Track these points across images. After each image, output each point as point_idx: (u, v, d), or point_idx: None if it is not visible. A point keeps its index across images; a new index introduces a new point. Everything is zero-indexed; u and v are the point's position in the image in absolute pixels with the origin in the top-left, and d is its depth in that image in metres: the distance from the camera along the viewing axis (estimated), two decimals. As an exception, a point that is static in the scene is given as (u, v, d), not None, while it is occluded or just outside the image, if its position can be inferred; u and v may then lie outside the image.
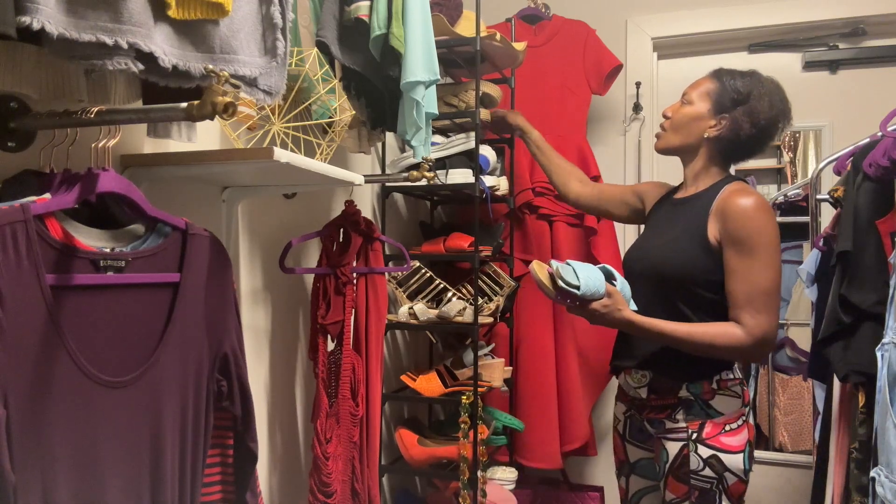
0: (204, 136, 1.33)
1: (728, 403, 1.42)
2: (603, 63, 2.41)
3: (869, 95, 2.35)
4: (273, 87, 1.04)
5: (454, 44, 1.90)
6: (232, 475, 1.06)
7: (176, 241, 0.94)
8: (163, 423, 0.91)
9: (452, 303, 1.93)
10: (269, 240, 1.57)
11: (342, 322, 1.48)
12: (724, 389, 1.43)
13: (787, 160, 2.57)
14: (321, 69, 1.34)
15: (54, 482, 0.79)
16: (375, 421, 1.58)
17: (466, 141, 1.98)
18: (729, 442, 1.41)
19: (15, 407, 0.75)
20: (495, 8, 2.63)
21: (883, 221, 1.42)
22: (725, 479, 1.40)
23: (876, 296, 1.40)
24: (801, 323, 2.44)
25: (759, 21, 2.38)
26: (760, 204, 1.40)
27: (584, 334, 2.36)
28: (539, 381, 2.28)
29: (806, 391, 2.45)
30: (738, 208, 1.40)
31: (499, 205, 2.32)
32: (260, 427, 1.47)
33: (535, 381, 2.29)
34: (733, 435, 1.41)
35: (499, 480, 2.12)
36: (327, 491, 1.45)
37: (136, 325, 0.89)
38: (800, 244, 2.49)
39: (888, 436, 1.19)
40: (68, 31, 0.73)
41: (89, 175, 0.84)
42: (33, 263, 0.77)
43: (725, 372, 1.43)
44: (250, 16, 0.97)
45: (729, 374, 1.44)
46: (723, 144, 1.51)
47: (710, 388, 1.42)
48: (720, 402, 1.42)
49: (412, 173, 1.53)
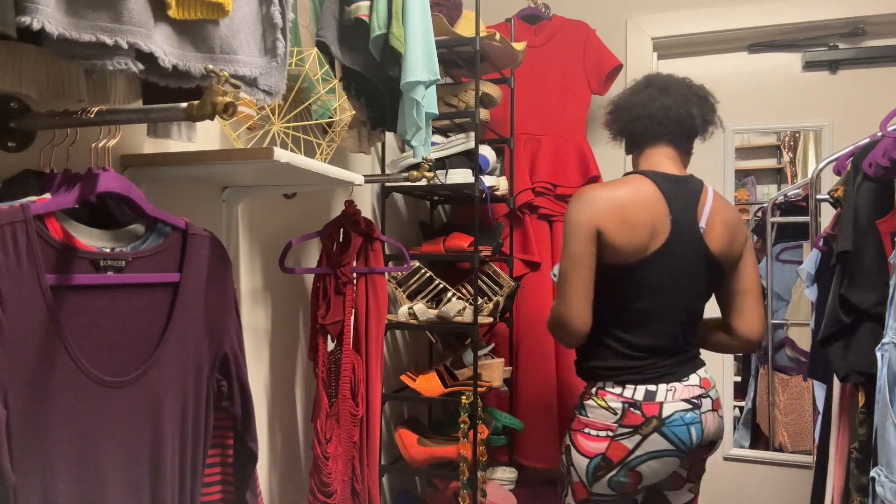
0: (204, 136, 1.33)
1: (597, 412, 1.45)
2: (603, 63, 2.41)
3: (869, 95, 2.35)
4: (273, 87, 1.04)
5: (454, 44, 1.90)
6: (232, 475, 1.06)
7: (176, 241, 0.94)
8: (163, 422, 0.91)
9: (452, 303, 1.93)
10: (269, 240, 1.57)
11: (342, 322, 1.48)
12: (599, 398, 1.45)
13: (787, 160, 2.57)
14: (321, 69, 1.34)
15: (54, 482, 0.79)
16: (375, 421, 1.58)
17: (466, 141, 1.98)
18: (582, 443, 1.45)
19: (15, 407, 0.75)
20: (495, 8, 2.63)
21: (883, 221, 1.42)
22: (571, 473, 1.48)
23: (876, 296, 1.40)
24: (801, 323, 2.44)
25: (759, 21, 2.38)
26: (576, 195, 1.47)
27: (584, 334, 2.36)
28: (539, 381, 2.29)
29: (806, 391, 2.45)
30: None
31: (498, 205, 2.32)
32: (260, 427, 1.47)
33: (535, 381, 2.29)
34: (590, 440, 1.44)
35: (499, 480, 2.12)
36: (327, 491, 1.45)
37: (136, 325, 0.89)
38: (800, 244, 2.50)
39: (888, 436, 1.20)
40: (68, 31, 0.73)
41: (89, 175, 0.84)
42: (33, 263, 0.77)
43: (610, 385, 1.45)
44: (250, 16, 0.97)
45: (613, 389, 1.44)
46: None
47: (588, 391, 1.50)
48: (590, 406, 1.47)
49: (412, 173, 1.53)
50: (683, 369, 1.48)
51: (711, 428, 1.47)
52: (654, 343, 1.45)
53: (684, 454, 1.44)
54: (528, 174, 2.36)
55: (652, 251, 1.41)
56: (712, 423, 1.47)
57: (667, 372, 1.45)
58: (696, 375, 1.48)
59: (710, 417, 1.46)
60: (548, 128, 2.42)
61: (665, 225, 1.41)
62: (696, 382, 1.47)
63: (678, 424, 1.41)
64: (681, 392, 1.44)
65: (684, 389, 1.45)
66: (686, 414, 1.42)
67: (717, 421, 1.48)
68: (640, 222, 1.40)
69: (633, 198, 1.42)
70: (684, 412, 1.42)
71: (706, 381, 1.49)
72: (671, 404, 1.42)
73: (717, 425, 1.48)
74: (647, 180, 1.45)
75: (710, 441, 1.48)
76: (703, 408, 1.45)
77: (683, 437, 1.42)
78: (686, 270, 1.45)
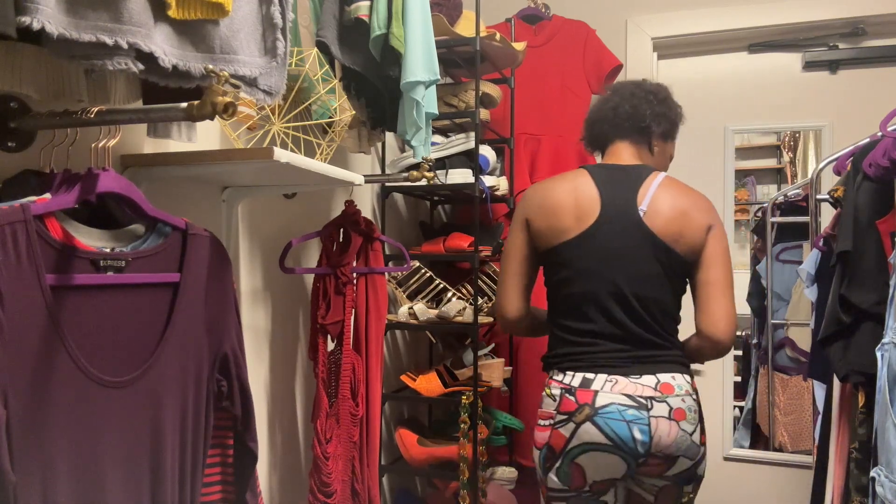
0: (204, 136, 1.33)
1: (545, 402, 1.45)
2: (603, 63, 2.41)
3: (869, 95, 2.35)
4: (273, 87, 1.04)
5: (454, 44, 1.90)
6: (232, 475, 1.06)
7: (176, 241, 0.94)
8: (163, 422, 0.91)
9: (452, 303, 1.93)
10: (269, 240, 1.57)
11: (342, 322, 1.49)
12: (547, 387, 1.46)
13: (787, 160, 2.57)
14: (321, 69, 1.34)
15: (54, 482, 0.79)
16: (375, 421, 1.58)
17: (466, 141, 1.98)
18: (536, 435, 1.47)
19: (15, 407, 0.75)
20: (495, 8, 2.63)
21: (883, 221, 1.42)
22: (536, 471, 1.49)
23: (876, 296, 1.40)
24: (801, 323, 2.44)
25: (759, 21, 2.38)
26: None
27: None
28: (539, 381, 2.28)
29: (806, 391, 2.45)
30: None
31: (498, 205, 2.32)
32: (260, 427, 1.47)
33: (535, 381, 2.29)
34: (539, 430, 1.45)
35: (499, 480, 2.12)
36: (327, 491, 1.45)
37: (135, 325, 0.89)
38: (800, 244, 2.50)
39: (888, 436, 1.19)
40: (68, 31, 0.73)
41: (89, 175, 0.84)
42: (33, 263, 0.77)
43: (556, 373, 1.45)
44: (250, 16, 0.97)
45: (557, 376, 1.45)
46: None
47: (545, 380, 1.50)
48: (543, 397, 1.47)
49: (412, 173, 1.53)
50: (638, 366, 1.40)
51: (665, 437, 1.36)
52: (597, 328, 1.42)
53: (628, 456, 1.37)
54: (528, 174, 2.36)
55: (577, 233, 1.43)
56: (667, 431, 1.36)
57: (612, 363, 1.40)
58: (653, 377, 1.39)
59: (665, 425, 1.36)
60: (548, 128, 2.42)
61: (593, 208, 1.44)
62: (650, 383, 1.38)
63: (614, 418, 1.35)
64: (623, 386, 1.38)
65: (629, 385, 1.38)
66: (626, 410, 1.36)
67: (675, 432, 1.37)
68: (561, 206, 1.45)
69: (558, 185, 1.49)
70: (624, 407, 1.36)
71: (667, 387, 1.39)
72: (608, 395, 1.37)
73: (675, 437, 1.37)
74: (582, 170, 1.50)
75: (665, 454, 1.37)
76: (653, 411, 1.36)
77: (622, 433, 1.35)
78: (620, 252, 1.41)
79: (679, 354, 1.46)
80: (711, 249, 1.45)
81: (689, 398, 1.41)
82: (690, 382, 1.44)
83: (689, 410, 1.40)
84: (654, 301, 1.43)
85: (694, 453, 1.40)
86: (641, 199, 1.43)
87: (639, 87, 1.56)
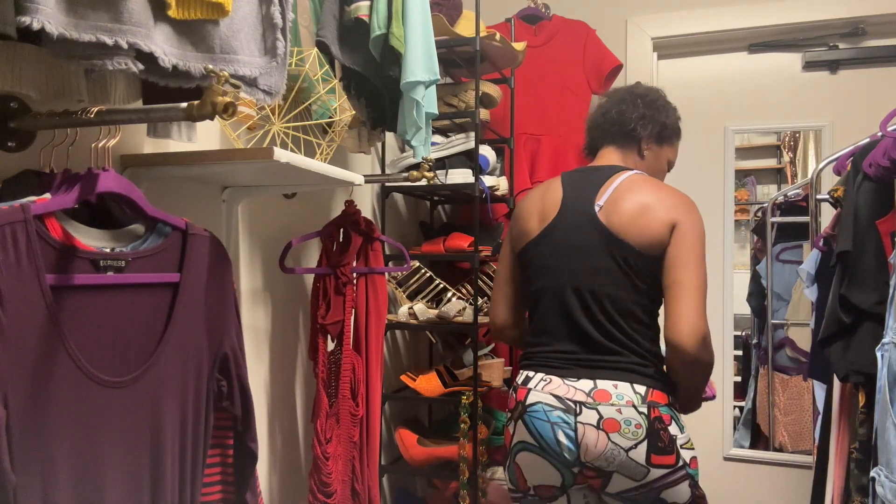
0: (204, 136, 1.33)
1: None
2: (603, 63, 2.41)
3: (869, 95, 2.35)
4: (273, 87, 1.04)
5: (454, 44, 1.90)
6: (232, 475, 1.06)
7: (176, 240, 0.94)
8: (163, 422, 0.91)
9: (452, 303, 1.93)
10: (269, 240, 1.57)
11: (342, 322, 1.48)
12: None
13: (787, 160, 2.57)
14: (321, 69, 1.34)
15: (54, 482, 0.79)
16: (375, 421, 1.58)
17: (466, 141, 1.98)
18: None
19: (15, 407, 0.75)
20: (495, 8, 2.63)
21: (883, 221, 1.42)
22: None
23: (876, 296, 1.40)
24: (801, 323, 2.44)
25: (759, 21, 2.38)
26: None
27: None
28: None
29: (806, 391, 2.45)
30: None
31: (498, 205, 2.32)
32: (260, 427, 1.47)
33: (535, 381, 2.29)
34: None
35: (499, 480, 2.12)
36: (327, 491, 1.45)
37: (136, 324, 0.89)
38: (800, 244, 2.50)
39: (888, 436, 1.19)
40: (68, 31, 0.73)
41: (89, 175, 0.84)
42: (33, 263, 0.77)
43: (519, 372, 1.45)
44: (250, 16, 0.97)
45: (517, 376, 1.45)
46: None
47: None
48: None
49: (412, 173, 1.53)
50: (579, 369, 1.34)
51: (593, 446, 1.28)
52: (551, 326, 1.40)
53: (557, 462, 1.32)
54: (528, 174, 2.36)
55: (538, 233, 1.45)
56: (594, 440, 1.28)
57: (555, 363, 1.37)
58: (591, 381, 1.32)
59: (592, 434, 1.28)
60: (548, 128, 2.42)
61: (555, 209, 1.45)
62: (585, 388, 1.31)
63: (539, 418, 1.32)
64: (555, 386, 1.33)
65: (561, 386, 1.33)
66: (552, 411, 1.31)
67: (603, 444, 1.27)
68: (529, 210, 1.49)
69: (532, 193, 1.53)
70: (551, 408, 1.31)
71: (602, 394, 1.30)
72: (537, 393, 1.34)
73: (603, 448, 1.28)
74: (557, 177, 1.52)
75: (595, 465, 1.30)
76: (581, 417, 1.29)
77: (546, 435, 1.31)
78: (575, 248, 1.39)
79: (639, 363, 1.34)
80: (676, 248, 1.33)
81: (631, 410, 1.28)
82: (644, 395, 1.31)
83: (627, 424, 1.28)
84: (610, 298, 1.35)
85: (636, 473, 1.28)
86: (601, 196, 1.40)
87: (629, 92, 1.55)
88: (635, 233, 1.35)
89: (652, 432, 1.28)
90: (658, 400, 1.31)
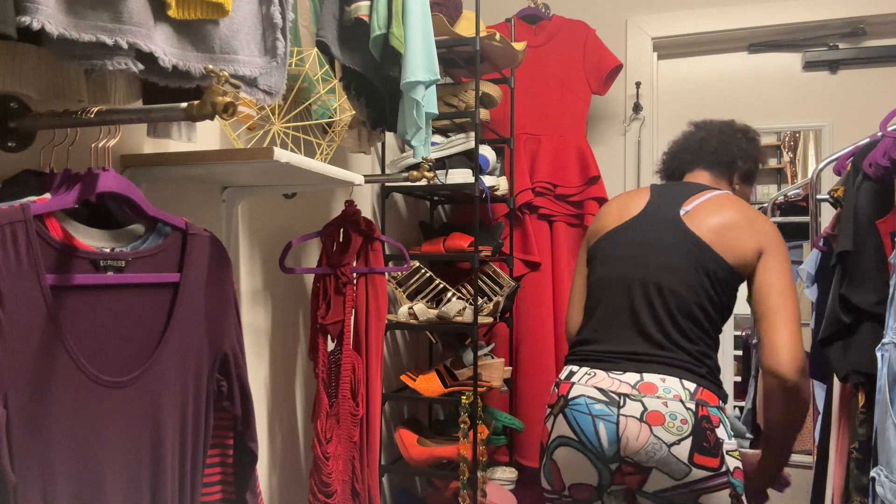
0: (204, 136, 1.33)
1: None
2: (603, 63, 2.41)
3: (869, 95, 2.35)
4: (273, 87, 1.04)
5: (454, 44, 1.90)
6: (232, 475, 1.06)
7: (176, 240, 0.94)
8: (163, 423, 0.91)
9: (452, 303, 1.93)
10: (269, 240, 1.57)
11: (342, 322, 1.48)
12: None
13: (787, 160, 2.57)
14: (321, 69, 1.34)
15: (54, 482, 0.79)
16: (375, 421, 1.58)
17: (466, 141, 1.98)
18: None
19: (15, 407, 0.75)
20: (495, 8, 2.63)
21: (883, 221, 1.42)
22: None
23: (876, 296, 1.40)
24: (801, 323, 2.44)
25: (759, 21, 2.38)
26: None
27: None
28: (539, 381, 2.28)
29: (806, 391, 2.45)
30: None
31: (498, 205, 2.32)
32: (260, 427, 1.47)
33: (535, 381, 2.29)
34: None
35: (499, 480, 2.12)
36: (327, 491, 1.45)
37: (136, 325, 0.89)
38: (800, 244, 2.49)
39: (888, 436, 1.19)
40: (68, 31, 0.73)
41: (89, 175, 0.84)
42: (33, 263, 0.77)
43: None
44: (250, 16, 0.97)
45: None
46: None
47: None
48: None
49: (412, 173, 1.53)
50: (626, 363, 1.32)
51: (634, 440, 1.24)
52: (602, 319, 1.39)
53: (596, 458, 1.28)
54: (528, 174, 2.36)
55: (612, 228, 1.48)
56: (636, 433, 1.24)
57: (601, 357, 1.35)
58: (637, 374, 1.29)
59: (634, 426, 1.24)
60: (548, 128, 2.42)
61: (636, 209, 1.47)
62: (630, 380, 1.28)
63: (581, 410, 1.28)
64: (599, 380, 1.30)
65: (606, 379, 1.30)
66: (595, 404, 1.27)
67: (645, 437, 1.23)
68: (608, 212, 1.53)
69: (617, 196, 1.57)
70: (593, 401, 1.28)
71: (648, 386, 1.27)
72: (581, 387, 1.31)
73: (645, 442, 1.23)
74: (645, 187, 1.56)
75: (635, 460, 1.25)
76: (624, 409, 1.25)
77: (586, 427, 1.27)
78: (650, 243, 1.39)
79: (691, 362, 1.31)
80: (769, 276, 1.36)
81: (678, 405, 1.25)
82: (693, 392, 1.27)
83: (672, 418, 1.24)
84: (675, 295, 1.33)
85: (676, 471, 1.23)
86: (688, 203, 1.44)
87: (728, 126, 1.59)
88: (720, 244, 1.36)
89: (698, 430, 1.24)
90: (708, 399, 1.27)
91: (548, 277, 2.34)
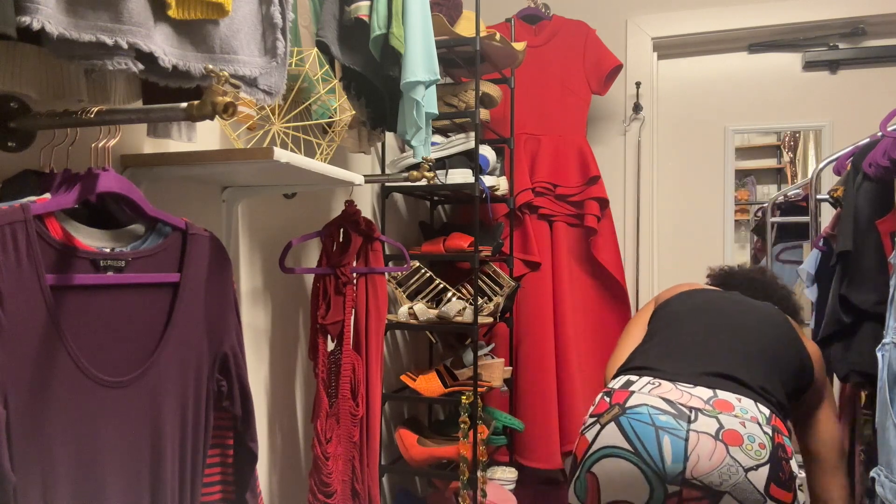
0: (204, 136, 1.33)
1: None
2: (603, 63, 2.41)
3: (869, 95, 2.35)
4: (273, 87, 1.04)
5: (454, 44, 1.90)
6: (232, 475, 1.06)
7: (176, 240, 0.94)
8: (163, 422, 0.91)
9: (452, 303, 1.93)
10: (269, 240, 1.57)
11: (342, 322, 1.48)
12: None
13: (787, 160, 2.57)
14: (321, 69, 1.34)
15: (54, 482, 0.79)
16: (375, 421, 1.58)
17: (466, 141, 1.98)
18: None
19: (15, 407, 0.75)
20: (495, 8, 2.63)
21: (883, 221, 1.42)
22: None
23: (876, 296, 1.40)
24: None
25: (759, 21, 2.38)
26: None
27: (583, 334, 2.36)
28: (539, 381, 2.28)
29: (806, 391, 2.45)
30: None
31: (499, 205, 2.32)
32: (260, 427, 1.47)
33: (535, 381, 2.29)
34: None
35: (499, 480, 2.12)
36: (327, 491, 1.45)
37: (136, 324, 0.89)
38: (800, 244, 2.49)
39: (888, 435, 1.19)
40: (68, 31, 0.73)
41: (89, 175, 0.84)
42: (33, 263, 0.77)
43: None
44: (250, 16, 0.97)
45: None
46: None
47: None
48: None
49: (412, 173, 1.53)
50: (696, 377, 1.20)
51: (707, 458, 1.08)
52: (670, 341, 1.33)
53: (652, 474, 1.11)
54: (528, 174, 2.36)
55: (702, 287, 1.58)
56: (708, 452, 1.09)
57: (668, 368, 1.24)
58: (710, 390, 1.17)
59: (708, 444, 1.09)
60: (548, 128, 2.42)
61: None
62: (703, 395, 1.16)
63: (642, 420, 1.13)
64: (665, 390, 1.17)
65: (674, 391, 1.17)
66: (660, 415, 1.13)
67: (721, 457, 1.08)
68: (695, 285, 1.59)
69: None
70: (658, 411, 1.14)
71: (724, 404, 1.14)
72: (643, 396, 1.17)
73: (719, 462, 1.08)
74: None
75: (705, 483, 1.08)
76: (696, 424, 1.11)
77: (647, 439, 1.11)
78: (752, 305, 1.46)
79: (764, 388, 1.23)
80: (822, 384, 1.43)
81: (755, 427, 1.12)
82: (769, 417, 1.15)
83: (751, 441, 1.10)
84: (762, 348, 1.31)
85: (750, 500, 1.08)
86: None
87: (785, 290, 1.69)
88: (805, 355, 1.40)
89: (775, 459, 1.11)
90: (781, 427, 1.17)
91: (548, 277, 2.34)
